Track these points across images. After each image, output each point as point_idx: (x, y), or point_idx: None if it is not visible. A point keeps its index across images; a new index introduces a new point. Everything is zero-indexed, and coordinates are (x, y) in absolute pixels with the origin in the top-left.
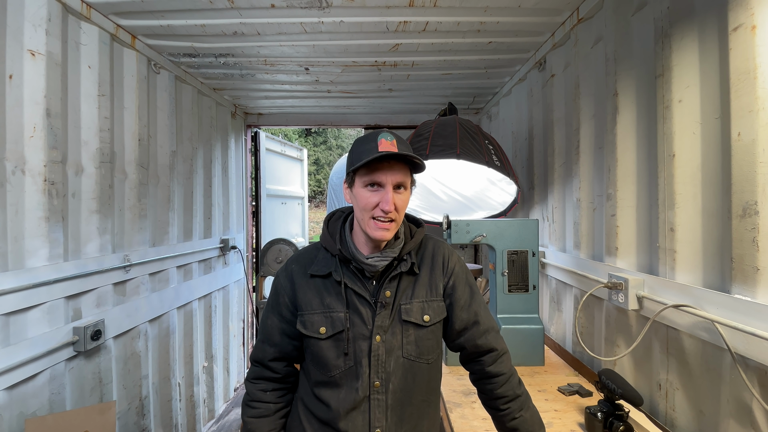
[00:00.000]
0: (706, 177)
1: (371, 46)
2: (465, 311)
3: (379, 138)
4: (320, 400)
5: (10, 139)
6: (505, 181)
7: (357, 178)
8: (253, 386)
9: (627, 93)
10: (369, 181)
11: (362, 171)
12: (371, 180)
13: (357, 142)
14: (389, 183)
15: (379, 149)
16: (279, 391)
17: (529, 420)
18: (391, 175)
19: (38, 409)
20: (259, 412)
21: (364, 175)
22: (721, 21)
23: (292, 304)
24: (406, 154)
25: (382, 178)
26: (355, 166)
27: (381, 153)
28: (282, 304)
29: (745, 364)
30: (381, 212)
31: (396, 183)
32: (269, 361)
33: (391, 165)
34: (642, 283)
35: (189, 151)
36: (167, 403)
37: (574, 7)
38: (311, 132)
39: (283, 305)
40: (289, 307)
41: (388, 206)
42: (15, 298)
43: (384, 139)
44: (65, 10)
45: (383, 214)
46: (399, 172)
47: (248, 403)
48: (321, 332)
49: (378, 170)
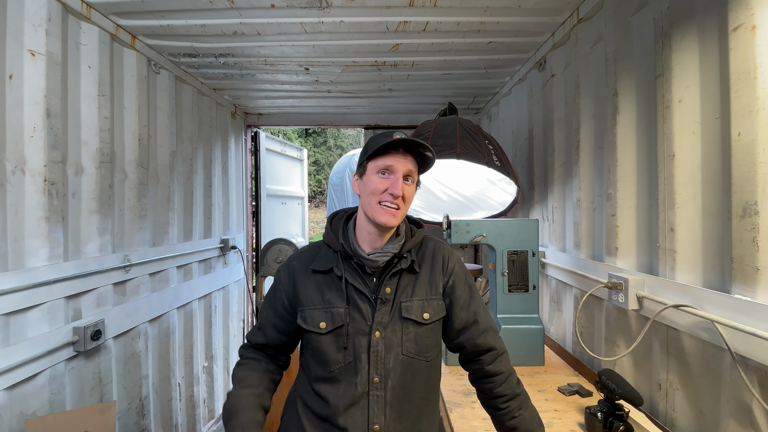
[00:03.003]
0: (706, 177)
1: (371, 46)
2: (464, 310)
3: (395, 133)
4: (319, 395)
5: (10, 139)
6: (505, 181)
7: (370, 164)
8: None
9: (627, 93)
10: (382, 166)
11: (376, 158)
12: (384, 165)
13: (372, 137)
14: (400, 170)
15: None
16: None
17: (529, 419)
18: (403, 162)
19: (38, 409)
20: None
21: (377, 160)
22: (721, 21)
23: (288, 300)
24: (421, 142)
25: (394, 164)
26: (371, 150)
27: (397, 138)
28: (278, 299)
29: (745, 364)
30: (389, 196)
31: (406, 171)
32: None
33: (404, 155)
34: (642, 283)
35: (189, 151)
36: (167, 403)
37: (574, 7)
38: (311, 132)
39: (279, 300)
40: (284, 303)
41: (398, 191)
42: (15, 298)
43: (399, 134)
44: (65, 10)
45: (391, 199)
46: (410, 162)
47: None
48: (321, 327)
49: (391, 156)
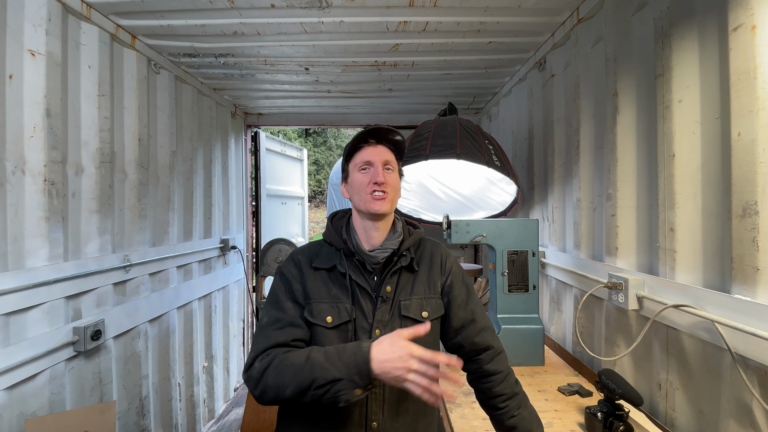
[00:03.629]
0: (706, 177)
1: (371, 46)
2: (462, 309)
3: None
4: None
5: (10, 139)
6: (505, 181)
7: (351, 166)
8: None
9: (627, 93)
10: (360, 163)
11: (354, 158)
12: (362, 160)
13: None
14: (377, 160)
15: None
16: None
17: (527, 418)
18: (377, 153)
19: (38, 409)
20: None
21: (355, 159)
22: (721, 21)
23: (303, 290)
24: (385, 127)
25: (371, 157)
26: (347, 152)
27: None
28: (296, 290)
29: (745, 364)
30: (374, 185)
31: (383, 161)
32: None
33: (376, 147)
34: (642, 283)
35: (189, 151)
36: (167, 403)
37: (574, 7)
38: (311, 132)
39: (297, 291)
40: (302, 293)
41: (380, 177)
42: (15, 298)
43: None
44: (65, 10)
45: (377, 186)
46: (385, 152)
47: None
48: (327, 321)
49: (365, 150)
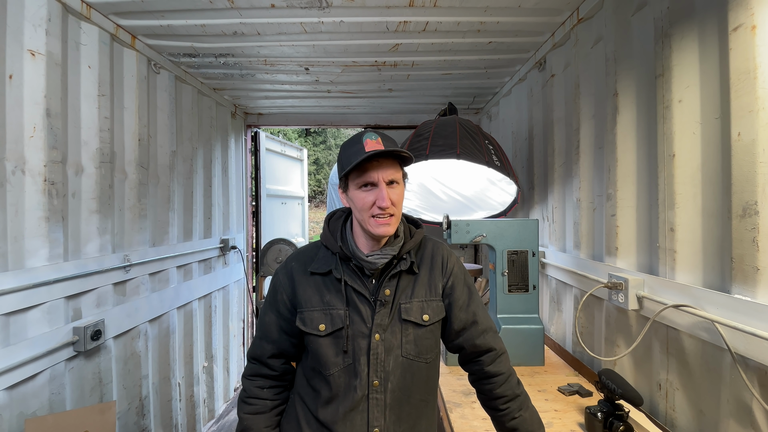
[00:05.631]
0: (706, 177)
1: (371, 46)
2: (463, 311)
3: (364, 139)
4: (318, 399)
5: (10, 139)
6: (505, 181)
7: (350, 181)
8: (250, 383)
9: (627, 93)
10: (362, 183)
11: (354, 174)
12: (364, 181)
13: (343, 146)
14: (382, 181)
15: (365, 150)
16: (276, 389)
17: (529, 419)
18: (382, 172)
19: (38, 409)
20: (256, 408)
21: (356, 177)
22: (721, 21)
23: (290, 301)
24: (393, 150)
25: (374, 177)
26: (346, 170)
27: (369, 153)
28: (280, 301)
29: (745, 364)
30: (378, 209)
31: (388, 179)
32: (267, 358)
33: (380, 163)
34: (642, 283)
35: (189, 151)
36: (167, 403)
37: (574, 7)
38: (311, 132)
39: (281, 302)
40: (287, 305)
41: (385, 203)
42: (15, 298)
43: (369, 139)
44: (65, 10)
45: (381, 211)
46: (389, 168)
47: (245, 400)
48: (320, 329)
49: (369, 170)
